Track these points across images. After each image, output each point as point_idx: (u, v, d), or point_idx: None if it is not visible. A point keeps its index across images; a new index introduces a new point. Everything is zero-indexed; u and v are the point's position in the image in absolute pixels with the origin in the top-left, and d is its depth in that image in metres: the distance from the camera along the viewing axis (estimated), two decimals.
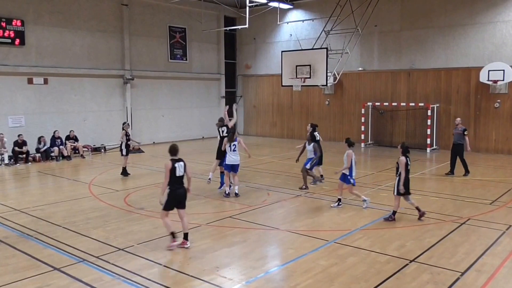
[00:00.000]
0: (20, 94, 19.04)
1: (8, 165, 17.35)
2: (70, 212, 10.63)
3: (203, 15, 25.31)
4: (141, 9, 23.17)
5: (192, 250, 7.77)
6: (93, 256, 7.49)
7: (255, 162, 17.62)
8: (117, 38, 22.27)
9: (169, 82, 24.75)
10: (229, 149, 11.62)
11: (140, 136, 23.18)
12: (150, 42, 23.77)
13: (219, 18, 27.07)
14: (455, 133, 14.41)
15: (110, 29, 21.97)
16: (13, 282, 6.53)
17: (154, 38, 23.93)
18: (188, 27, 25.43)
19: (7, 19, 18.20)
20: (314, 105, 25.17)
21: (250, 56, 27.92)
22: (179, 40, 25.15)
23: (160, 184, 13.31)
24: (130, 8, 22.58)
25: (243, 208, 10.58)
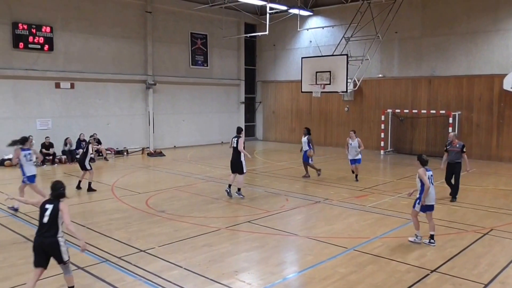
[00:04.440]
0: (48, 98, 19.59)
1: (35, 166, 17.79)
2: (93, 213, 10.93)
3: (224, 22, 25.63)
4: (164, 16, 23.60)
5: (211, 254, 7.91)
6: (115, 256, 7.70)
7: (273, 167, 17.75)
8: (141, 44, 22.72)
9: (190, 87, 25.10)
10: None
11: (161, 140, 23.59)
12: (172, 48, 24.16)
13: (239, 25, 27.35)
14: (450, 151, 11.87)
15: (134, 36, 22.44)
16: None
17: (176, 44, 24.32)
18: (209, 34, 25.77)
19: (37, 25, 18.78)
20: (333, 112, 25.18)
21: (270, 62, 28.10)
22: (200, 46, 25.50)
23: (180, 187, 13.63)
24: (154, 15, 23.02)
25: (262, 213, 10.69)
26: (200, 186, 14.00)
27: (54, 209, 5.98)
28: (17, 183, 15.06)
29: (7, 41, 18.27)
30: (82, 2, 20.39)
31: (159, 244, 8.36)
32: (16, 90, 18.71)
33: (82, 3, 20.37)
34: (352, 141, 14.42)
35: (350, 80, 20.79)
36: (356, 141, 14.38)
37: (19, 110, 18.82)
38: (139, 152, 22.25)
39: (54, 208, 5.99)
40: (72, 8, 20.08)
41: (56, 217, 5.96)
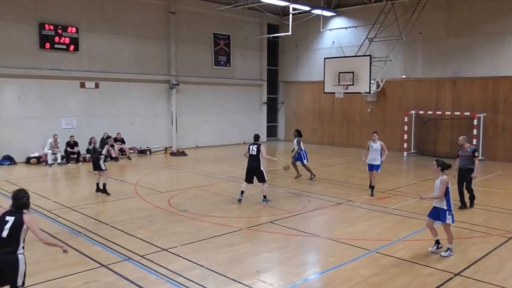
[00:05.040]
0: (73, 98, 19.96)
1: (61, 164, 18.23)
2: (116, 211, 11.07)
3: (246, 22, 25.70)
4: (187, 16, 23.78)
5: (233, 254, 7.93)
6: (138, 255, 7.77)
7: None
8: (164, 45, 22.95)
9: (212, 88, 25.24)
10: None
11: (184, 139, 23.77)
12: (195, 49, 24.33)
13: (262, 26, 27.38)
14: (461, 156, 11.18)
15: (157, 36, 22.68)
16: (63, 276, 6.88)
17: (199, 45, 24.49)
18: (232, 35, 25.87)
19: (63, 26, 19.16)
20: (355, 113, 24.98)
21: (292, 63, 28.04)
22: (223, 47, 25.61)
23: (202, 187, 13.70)
24: (177, 16, 23.22)
25: (283, 214, 10.67)
26: (222, 186, 14.05)
27: (16, 222, 5.20)
28: (41, 181, 15.46)
29: (34, 42, 18.68)
30: (107, 3, 20.71)
31: (181, 243, 8.41)
32: (42, 89, 19.11)
33: (106, 4, 20.70)
34: (375, 143, 12.67)
35: (373, 81, 20.58)
36: (379, 144, 12.67)
37: (45, 110, 19.21)
38: (162, 152, 22.47)
39: (16, 221, 5.20)
40: (97, 9, 20.41)
41: (18, 231, 5.19)
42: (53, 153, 18.22)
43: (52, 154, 18.16)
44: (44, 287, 6.53)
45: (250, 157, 11.82)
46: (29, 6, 18.48)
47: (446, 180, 7.80)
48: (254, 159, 11.73)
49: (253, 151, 11.78)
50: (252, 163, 11.74)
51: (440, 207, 7.91)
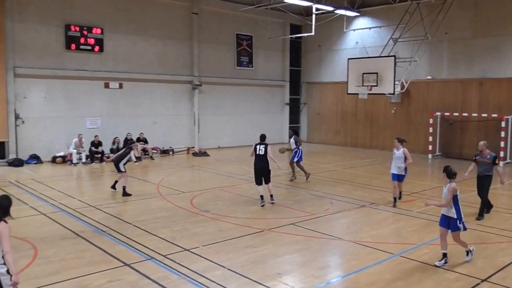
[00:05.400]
0: (97, 98, 20.26)
1: (85, 163, 18.52)
2: (139, 211, 11.16)
3: (269, 23, 25.68)
4: (210, 17, 23.88)
5: (254, 255, 7.89)
6: (160, 254, 7.81)
7: (317, 169, 17.56)
8: (187, 45, 23.09)
9: (234, 88, 25.28)
10: None
11: (206, 140, 23.86)
12: (218, 49, 24.41)
13: (285, 26, 27.29)
14: (480, 162, 10.47)
15: (180, 37, 22.83)
16: (88, 274, 6.95)
17: (221, 45, 24.56)
18: (254, 35, 25.87)
19: (88, 27, 19.47)
20: (379, 114, 24.65)
21: (315, 64, 27.87)
22: (245, 47, 25.63)
23: (224, 187, 13.71)
24: (200, 17, 23.34)
25: (306, 216, 10.58)
26: (244, 187, 14.03)
27: None
28: (66, 180, 15.73)
29: (60, 43, 19.03)
30: (131, 5, 20.95)
31: (203, 244, 8.41)
32: (68, 90, 19.44)
33: (130, 5, 20.94)
34: (397, 150, 11.59)
35: (398, 82, 20.27)
36: (402, 151, 11.51)
37: (70, 110, 19.54)
38: (184, 152, 22.61)
39: None
40: (121, 10, 20.67)
41: None
42: (78, 153, 18.52)
43: (77, 154, 18.46)
44: (68, 284, 6.61)
45: (258, 157, 11.66)
46: (55, 8, 18.84)
47: (453, 188, 7.42)
48: (263, 159, 11.59)
49: (261, 150, 11.63)
50: (261, 163, 11.59)
51: (449, 216, 7.54)
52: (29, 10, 18.23)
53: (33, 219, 10.24)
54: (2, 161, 17.95)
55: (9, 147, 18.10)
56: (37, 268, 7.21)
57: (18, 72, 18.07)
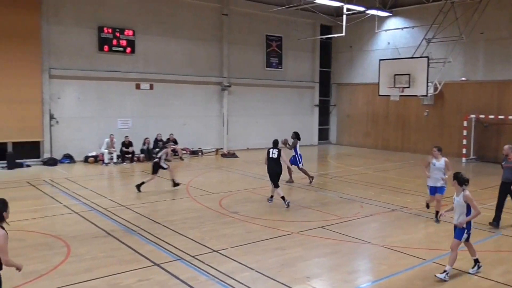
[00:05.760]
0: (129, 99, 20.60)
1: (116, 163, 18.85)
2: (169, 211, 11.28)
3: (299, 23, 25.56)
4: (240, 18, 23.95)
5: (283, 258, 7.83)
6: (189, 255, 7.84)
7: (347, 172, 17.35)
8: (216, 47, 23.22)
9: (264, 89, 25.26)
10: None
11: (234, 141, 23.93)
12: (247, 51, 24.46)
13: (315, 27, 27.11)
14: (506, 167, 9.97)
15: (210, 38, 22.99)
16: (118, 273, 7.04)
17: (251, 46, 24.60)
18: (284, 36, 25.79)
19: (121, 29, 19.83)
20: (411, 116, 24.15)
21: (346, 65, 27.57)
22: (275, 48, 25.58)
23: (252, 189, 13.69)
24: (230, 18, 23.44)
25: (335, 219, 10.44)
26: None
27: None
28: (98, 179, 16.04)
29: (93, 45, 19.45)
30: (162, 6, 21.22)
31: (231, 245, 8.40)
32: (100, 91, 19.85)
33: (161, 7, 21.21)
34: (437, 160, 10.29)
35: (431, 83, 19.84)
36: (443, 161, 10.24)
37: (102, 110, 19.94)
38: (213, 153, 22.73)
39: None
40: (153, 12, 20.97)
41: None
42: (110, 153, 18.87)
43: (108, 154, 18.82)
44: (100, 282, 6.71)
45: (272, 161, 11.84)
46: (89, 11, 19.27)
47: (471, 195, 7.06)
48: (277, 163, 11.80)
49: (274, 154, 11.84)
50: (276, 168, 11.78)
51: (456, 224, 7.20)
52: (64, 13, 18.71)
53: (66, 217, 10.49)
54: (37, 160, 18.48)
55: (44, 147, 18.62)
56: (69, 265, 7.35)
57: (53, 73, 18.55)
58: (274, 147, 12.08)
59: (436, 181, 10.25)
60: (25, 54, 17.67)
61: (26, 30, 17.66)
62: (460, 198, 7.11)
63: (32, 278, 6.77)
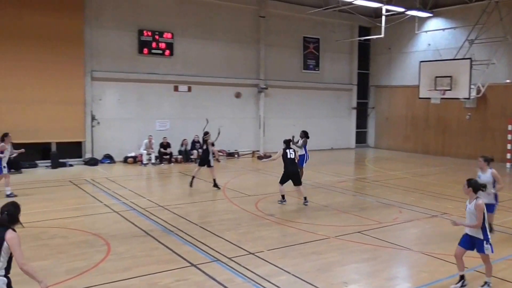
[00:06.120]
0: (167, 100, 20.96)
1: (155, 164, 19.20)
2: (205, 212, 11.37)
3: (337, 25, 25.33)
4: (277, 20, 23.95)
5: (320, 262, 7.74)
6: (226, 257, 7.86)
7: (385, 176, 17.02)
8: (253, 49, 23.31)
9: (300, 92, 25.16)
10: None
11: (271, 143, 23.87)
12: (284, 53, 24.43)
13: (353, 28, 26.79)
14: None
15: (247, 40, 23.09)
16: (156, 272, 7.14)
17: (288, 48, 24.55)
18: (321, 38, 25.62)
19: (160, 32, 20.21)
20: (452, 119, 23.45)
21: (384, 66, 27.09)
22: (312, 50, 25.44)
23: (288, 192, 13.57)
24: (267, 20, 23.47)
25: (373, 224, 10.24)
26: (309, 192, 13.73)
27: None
28: (137, 180, 16.37)
29: (133, 47, 19.90)
30: (200, 9, 21.49)
31: (267, 248, 8.38)
32: (139, 92, 20.28)
33: (199, 10, 21.48)
34: (483, 172, 9.07)
35: (473, 86, 19.26)
36: (490, 173, 8.97)
37: (141, 112, 20.36)
38: (249, 155, 22.79)
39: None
40: (191, 15, 21.26)
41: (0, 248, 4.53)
42: (148, 154, 19.25)
43: (147, 154, 19.20)
44: (138, 281, 6.82)
45: (290, 162, 12.02)
46: (129, 14, 19.73)
47: (482, 206, 6.54)
48: (294, 163, 12.13)
49: (291, 154, 12.05)
50: (293, 168, 12.06)
51: (475, 236, 6.66)
52: (106, 17, 19.23)
53: (106, 216, 10.75)
54: (79, 160, 19.08)
55: (85, 147, 19.20)
56: (110, 263, 7.52)
57: (95, 76, 19.10)
58: (289, 147, 12.29)
59: (487, 196, 8.55)
60: (68, 57, 18.27)
61: (70, 33, 18.27)
62: (472, 206, 6.63)
63: (74, 274, 6.97)
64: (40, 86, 17.78)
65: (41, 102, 17.79)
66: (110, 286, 6.62)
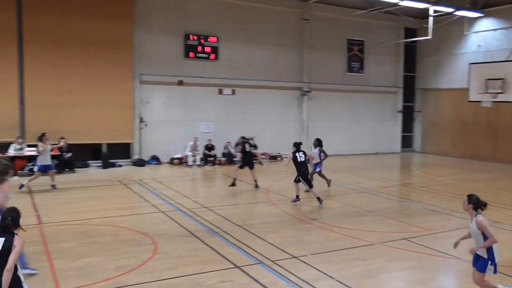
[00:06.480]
0: (211, 103, 21.29)
1: (199, 166, 19.56)
2: (249, 215, 11.47)
3: (382, 27, 24.90)
4: (321, 23, 23.81)
5: (364, 268, 7.65)
6: (269, 259, 7.90)
7: (432, 182, 16.57)
8: (297, 52, 23.28)
9: (344, 95, 24.89)
10: None
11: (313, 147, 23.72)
12: (328, 55, 24.26)
13: (398, 30, 26.24)
14: None
15: (291, 43, 23.09)
16: (201, 273, 7.28)
17: (332, 51, 24.36)
18: (366, 40, 25.26)
19: (205, 36, 20.58)
20: (504, 123, 22.46)
21: (432, 69, 26.35)
22: (356, 52, 25.13)
23: (331, 196, 13.49)
24: (311, 23, 23.38)
25: (420, 231, 10.00)
26: (352, 197, 13.71)
27: (7, 243, 4.86)
28: (182, 181, 16.71)
29: (180, 52, 20.36)
30: (244, 14, 21.69)
31: (310, 252, 8.35)
32: (185, 96, 20.70)
33: (244, 14, 21.69)
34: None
35: None
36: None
37: (187, 114, 20.78)
38: None
39: (7, 242, 4.87)
40: (236, 19, 21.51)
41: (8, 252, 4.83)
42: (193, 155, 19.62)
43: (192, 156, 19.58)
44: (184, 280, 6.99)
45: (301, 164, 12.27)
46: (176, 19, 20.20)
47: (486, 221, 6.06)
48: (305, 165, 12.37)
49: (301, 157, 12.31)
50: (304, 169, 12.32)
51: (480, 255, 6.22)
52: (154, 22, 19.78)
53: (153, 216, 11.06)
54: (127, 160, 19.72)
55: (133, 148, 19.82)
56: (157, 262, 7.74)
57: (143, 79, 19.68)
58: (299, 150, 12.52)
59: None
60: (119, 61, 18.96)
61: (120, 38, 18.94)
62: (474, 225, 6.14)
63: (124, 271, 7.24)
64: (92, 90, 18.53)
65: (93, 105, 18.54)
66: (157, 284, 6.83)
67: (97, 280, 6.89)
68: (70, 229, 9.69)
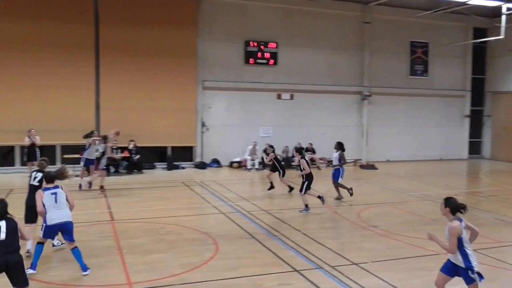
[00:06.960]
0: (270, 108, 21.46)
1: (258, 169, 19.76)
2: (307, 219, 11.40)
3: (448, 28, 23.96)
4: (382, 26, 23.29)
5: (429, 279, 7.26)
6: (328, 265, 7.82)
7: (505, 191, 15.67)
8: (357, 55, 22.92)
9: (406, 99, 24.16)
10: None
11: (374, 152, 23.26)
12: (389, 58, 23.67)
13: (466, 30, 25.10)
14: None
15: (351, 47, 22.77)
16: (260, 274, 7.35)
17: (394, 54, 23.75)
18: (430, 42, 24.39)
19: (265, 42, 20.81)
20: None
21: (504, 71, 24.93)
22: (420, 55, 24.33)
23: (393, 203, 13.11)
24: (372, 26, 22.94)
25: (491, 243, 9.45)
26: (416, 205, 13.24)
27: (10, 223, 5.40)
28: (241, 184, 16.93)
29: (240, 58, 20.73)
30: (304, 19, 21.70)
31: (371, 259, 8.17)
32: (244, 101, 21.06)
33: (303, 19, 21.69)
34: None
35: None
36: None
37: (246, 119, 21.10)
38: (351, 164, 22.34)
39: (10, 222, 5.41)
40: (295, 24, 21.56)
41: (15, 230, 5.41)
42: (252, 159, 19.86)
43: (251, 160, 19.83)
44: (244, 281, 7.11)
45: None
46: (237, 26, 20.63)
47: (456, 229, 5.54)
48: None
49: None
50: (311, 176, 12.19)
51: (456, 264, 5.75)
52: (216, 30, 20.29)
53: (214, 217, 11.36)
54: (190, 163, 20.41)
55: (196, 151, 20.44)
56: (218, 262, 7.93)
57: (206, 85, 20.24)
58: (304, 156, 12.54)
59: None
60: (183, 68, 19.72)
61: (185, 46, 19.69)
62: (446, 230, 5.70)
63: (188, 269, 7.51)
64: (159, 96, 19.39)
65: (159, 110, 19.42)
66: (218, 283, 6.99)
67: (164, 275, 7.20)
68: (139, 226, 10.18)
